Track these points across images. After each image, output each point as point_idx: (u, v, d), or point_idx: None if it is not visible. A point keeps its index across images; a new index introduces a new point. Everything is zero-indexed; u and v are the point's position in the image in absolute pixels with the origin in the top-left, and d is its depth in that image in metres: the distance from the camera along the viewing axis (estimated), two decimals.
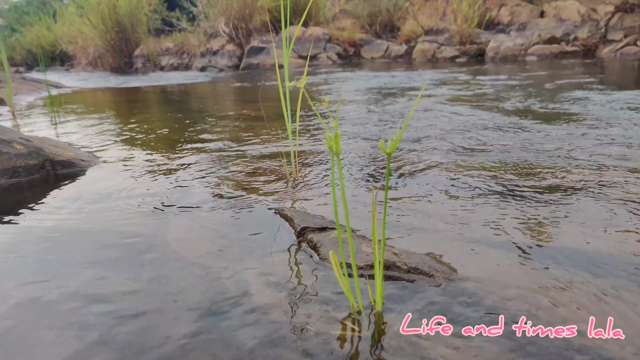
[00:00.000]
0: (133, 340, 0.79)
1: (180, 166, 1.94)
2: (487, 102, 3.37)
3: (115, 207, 1.47)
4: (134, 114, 3.83)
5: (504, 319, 0.81)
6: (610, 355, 0.72)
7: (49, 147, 1.93)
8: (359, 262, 0.99)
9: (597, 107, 2.91)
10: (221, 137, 2.54)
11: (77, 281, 1.01)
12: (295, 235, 1.17)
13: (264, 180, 1.70)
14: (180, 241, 1.19)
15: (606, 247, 1.07)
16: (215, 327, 0.83)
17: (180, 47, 12.23)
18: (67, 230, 1.30)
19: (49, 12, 17.57)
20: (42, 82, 6.96)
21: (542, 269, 0.98)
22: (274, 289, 0.94)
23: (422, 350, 0.75)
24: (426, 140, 2.21)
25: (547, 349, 0.74)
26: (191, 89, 6.19)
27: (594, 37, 8.41)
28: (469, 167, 1.75)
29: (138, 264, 1.08)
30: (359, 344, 0.77)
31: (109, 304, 0.91)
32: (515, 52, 8.75)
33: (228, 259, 1.08)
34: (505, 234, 1.16)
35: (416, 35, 10.62)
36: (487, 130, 2.39)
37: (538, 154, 1.87)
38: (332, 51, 10.55)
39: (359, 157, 1.98)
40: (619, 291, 0.89)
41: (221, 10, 10.67)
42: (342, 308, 0.87)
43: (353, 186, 1.60)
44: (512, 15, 10.37)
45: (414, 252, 1.02)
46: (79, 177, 1.83)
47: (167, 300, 0.92)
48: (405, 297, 0.89)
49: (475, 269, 0.99)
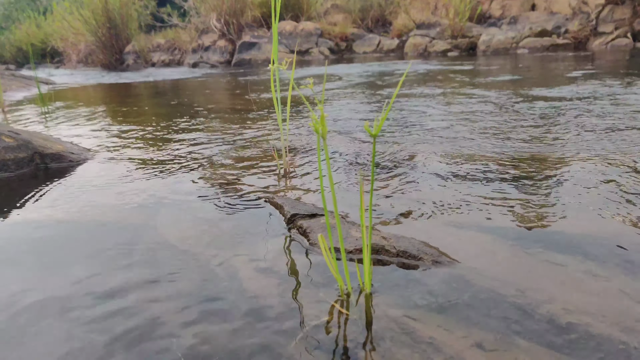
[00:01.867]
0: (130, 333, 0.80)
1: (170, 158, 1.93)
2: (477, 92, 3.38)
3: (105, 199, 1.46)
4: (125, 109, 3.80)
5: (491, 300, 0.82)
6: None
7: (38, 140, 1.91)
8: (348, 247, 0.99)
9: (583, 99, 2.93)
10: (212, 130, 2.53)
11: (67, 275, 1.00)
12: (286, 222, 1.17)
13: (255, 169, 1.70)
14: (170, 230, 1.19)
15: (593, 231, 1.08)
16: (205, 312, 0.83)
17: (172, 43, 12.14)
18: (58, 223, 1.29)
19: (39, 9, 17.38)
20: (32, 79, 6.89)
21: (529, 252, 0.99)
22: (263, 274, 0.95)
23: (410, 330, 0.75)
24: (416, 128, 2.21)
25: (535, 330, 0.75)
26: (182, 85, 6.16)
27: (584, 29, 8.45)
28: (459, 154, 1.75)
29: (128, 254, 1.07)
30: (347, 325, 0.78)
31: (98, 295, 0.91)
32: (506, 45, 8.78)
33: (218, 247, 1.08)
34: (494, 219, 1.17)
35: (408, 29, 10.61)
36: (478, 118, 2.40)
37: (530, 142, 1.89)
38: (324, 46, 10.53)
39: (350, 142, 1.98)
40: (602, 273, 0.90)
41: (212, 6, 10.60)
42: (331, 291, 0.87)
43: (344, 172, 1.60)
44: (503, 8, 10.39)
45: (402, 236, 1.02)
46: (68, 171, 1.82)
47: (157, 288, 0.92)
48: (394, 280, 0.90)
49: (464, 252, 1.00)
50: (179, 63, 11.76)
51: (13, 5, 19.67)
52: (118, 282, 0.94)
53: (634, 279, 0.87)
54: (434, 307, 0.81)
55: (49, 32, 14.72)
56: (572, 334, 0.73)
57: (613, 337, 0.72)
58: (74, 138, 2.46)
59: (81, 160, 1.94)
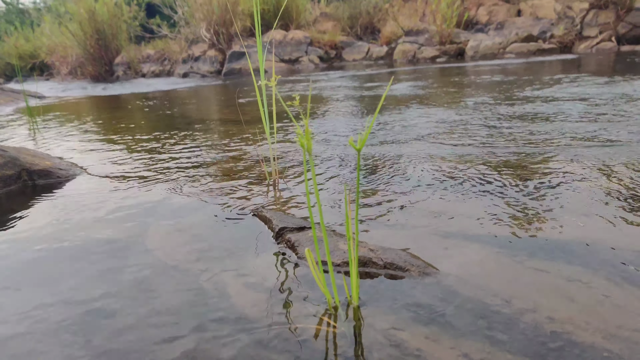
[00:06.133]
0: (113, 344, 0.79)
1: (160, 172, 1.93)
2: (464, 99, 3.41)
3: (94, 215, 1.46)
4: (114, 122, 3.79)
5: (478, 310, 0.83)
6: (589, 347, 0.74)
7: (26, 157, 1.90)
8: (336, 259, 1.00)
9: (569, 101, 2.97)
10: (201, 142, 2.54)
11: (53, 292, 1.00)
12: (274, 236, 1.17)
13: (244, 182, 1.70)
14: (159, 245, 1.19)
15: (578, 237, 1.10)
16: (193, 328, 0.83)
17: (162, 53, 12.14)
18: (44, 241, 1.28)
19: (26, 21, 17.30)
20: (20, 93, 6.86)
21: (515, 260, 1.00)
22: (252, 289, 0.95)
23: (398, 342, 0.76)
24: (403, 136, 2.23)
25: (520, 340, 0.76)
26: (172, 96, 6.16)
27: (570, 34, 8.57)
28: (445, 162, 1.77)
29: (117, 271, 1.07)
30: (335, 338, 0.78)
31: (88, 311, 0.90)
32: (494, 50, 8.88)
33: (207, 262, 1.08)
34: (480, 227, 1.18)
35: (396, 36, 10.70)
36: (467, 125, 2.42)
37: (518, 148, 1.91)
38: (314, 54, 10.58)
39: (338, 154, 1.99)
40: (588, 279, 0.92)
41: (202, 16, 10.63)
42: (320, 305, 0.88)
43: (333, 184, 1.61)
44: (490, 14, 10.52)
45: (389, 248, 1.03)
46: (57, 187, 1.81)
47: (146, 304, 0.92)
48: (381, 292, 0.91)
49: (450, 261, 1.01)
50: (169, 73, 11.76)
51: (1, 18, 19.58)
52: (106, 299, 0.93)
53: (617, 285, 0.89)
54: (421, 319, 0.82)
55: (37, 45, 14.66)
56: (556, 342, 0.74)
57: (596, 344, 0.73)
58: (63, 153, 2.45)
59: (70, 176, 1.93)
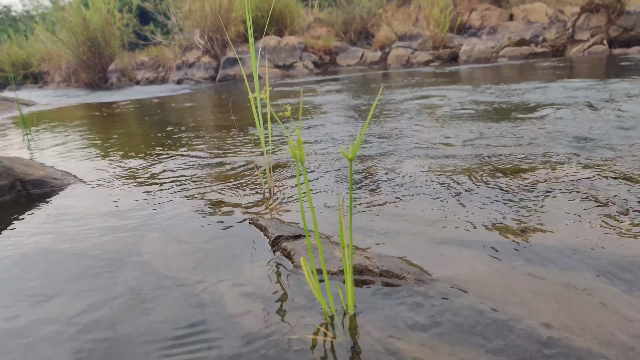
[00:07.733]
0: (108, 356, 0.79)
1: (155, 180, 1.93)
2: (459, 105, 3.43)
3: (89, 225, 1.45)
4: (108, 129, 3.78)
5: (474, 316, 0.83)
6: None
7: (19, 167, 1.89)
8: (332, 268, 1.00)
9: (562, 105, 2.99)
10: (196, 150, 2.53)
11: (48, 304, 0.99)
12: (270, 244, 1.17)
13: (239, 191, 1.70)
14: (155, 255, 1.19)
15: (573, 242, 1.10)
16: (191, 338, 0.82)
17: (156, 60, 12.14)
18: (39, 251, 1.28)
19: (19, 29, 17.27)
20: (13, 101, 6.82)
21: (511, 266, 1.01)
22: (249, 299, 0.95)
23: (395, 350, 0.76)
24: (397, 143, 2.24)
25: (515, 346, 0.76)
26: (166, 102, 6.15)
27: (562, 37, 8.64)
28: (439, 168, 1.78)
29: (112, 282, 1.07)
30: (332, 347, 0.78)
31: (81, 323, 0.90)
32: (487, 54, 8.94)
33: (203, 271, 1.08)
34: (475, 233, 1.19)
35: (390, 41, 10.76)
36: (458, 131, 2.43)
37: (510, 155, 1.92)
38: (308, 60, 10.61)
39: (333, 161, 2.00)
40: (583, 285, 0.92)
41: (196, 23, 10.64)
42: (316, 314, 0.88)
43: (327, 191, 1.61)
44: (482, 19, 10.60)
45: (385, 255, 1.03)
46: (51, 197, 1.80)
47: (142, 314, 0.91)
48: (378, 299, 0.91)
49: (446, 268, 1.01)
50: (164, 80, 11.75)
51: None
52: (102, 310, 0.93)
53: (613, 290, 0.89)
54: (418, 326, 0.82)
55: (31, 53, 14.63)
56: (553, 348, 0.74)
57: (593, 350, 0.73)
58: (57, 161, 2.44)
59: (64, 185, 1.92)
